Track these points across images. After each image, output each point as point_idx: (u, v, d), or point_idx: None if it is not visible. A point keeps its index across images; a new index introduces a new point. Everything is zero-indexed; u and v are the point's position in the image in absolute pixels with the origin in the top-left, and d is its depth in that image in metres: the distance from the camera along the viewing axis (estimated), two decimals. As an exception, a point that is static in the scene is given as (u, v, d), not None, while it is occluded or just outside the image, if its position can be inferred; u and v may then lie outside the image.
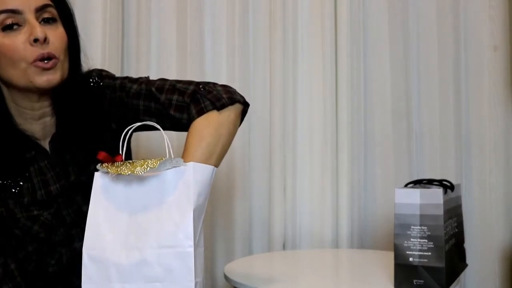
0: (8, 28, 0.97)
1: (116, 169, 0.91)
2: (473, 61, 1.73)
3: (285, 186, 1.72)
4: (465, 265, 1.33)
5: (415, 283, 1.08)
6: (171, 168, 0.92)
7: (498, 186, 1.71)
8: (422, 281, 1.07)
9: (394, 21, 1.73)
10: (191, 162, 0.92)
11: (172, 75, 1.72)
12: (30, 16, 0.98)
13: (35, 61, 0.98)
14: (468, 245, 1.38)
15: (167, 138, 0.94)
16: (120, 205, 0.92)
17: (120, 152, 0.94)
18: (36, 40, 0.97)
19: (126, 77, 1.14)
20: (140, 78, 1.14)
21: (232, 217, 1.71)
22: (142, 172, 0.89)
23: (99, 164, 0.94)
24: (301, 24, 1.73)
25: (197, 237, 0.90)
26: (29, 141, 1.05)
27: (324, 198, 1.70)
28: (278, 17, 1.71)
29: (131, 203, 0.92)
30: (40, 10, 1.00)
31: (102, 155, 0.94)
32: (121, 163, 0.92)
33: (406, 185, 1.19)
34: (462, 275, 1.27)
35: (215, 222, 1.72)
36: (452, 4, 1.72)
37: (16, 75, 0.99)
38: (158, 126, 0.95)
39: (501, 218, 1.70)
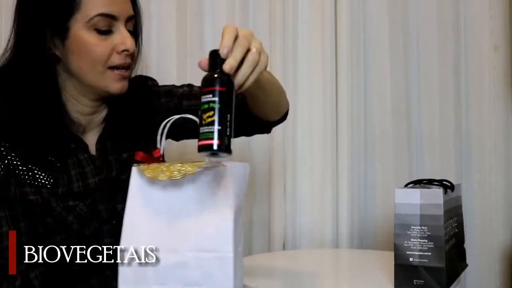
0: (103, 32, 0.99)
1: (152, 173, 0.87)
2: (473, 61, 1.73)
3: (285, 186, 1.71)
4: (465, 265, 1.33)
5: (415, 283, 1.08)
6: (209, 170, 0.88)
7: (498, 186, 1.71)
8: (422, 281, 1.07)
9: (394, 21, 1.72)
10: (230, 162, 0.89)
11: (172, 75, 1.73)
12: (121, 25, 1.01)
13: (113, 68, 1.01)
14: (468, 245, 1.38)
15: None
16: (157, 207, 0.89)
17: (158, 145, 0.91)
18: (124, 51, 1.00)
19: (170, 85, 1.21)
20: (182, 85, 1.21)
21: (232, 217, 1.71)
22: (179, 178, 0.85)
23: (135, 165, 0.91)
24: (301, 24, 1.73)
25: (237, 239, 0.89)
26: (71, 134, 1.05)
27: (324, 198, 1.69)
28: (278, 17, 1.71)
29: (169, 205, 0.88)
30: (129, 19, 1.03)
31: (140, 155, 0.91)
32: (157, 165, 0.88)
33: (406, 185, 1.18)
34: (462, 275, 1.27)
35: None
36: (452, 4, 1.72)
37: (91, 74, 1.01)
38: (194, 117, 0.92)
39: (501, 218, 1.70)
